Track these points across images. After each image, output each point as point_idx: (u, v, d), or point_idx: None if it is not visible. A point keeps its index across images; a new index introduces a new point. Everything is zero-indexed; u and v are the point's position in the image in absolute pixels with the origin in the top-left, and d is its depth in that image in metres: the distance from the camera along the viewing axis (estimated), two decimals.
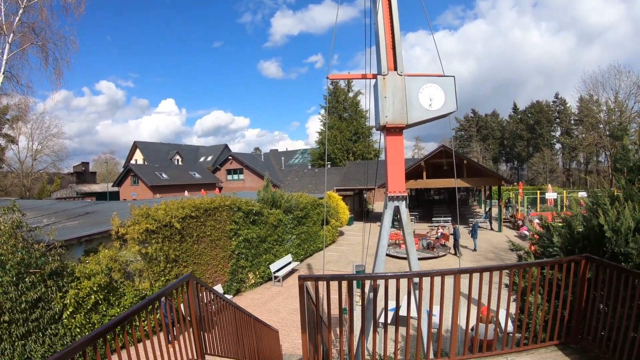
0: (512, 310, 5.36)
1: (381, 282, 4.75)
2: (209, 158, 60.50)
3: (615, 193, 5.06)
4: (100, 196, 48.39)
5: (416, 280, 5.33)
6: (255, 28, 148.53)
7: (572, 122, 66.58)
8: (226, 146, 64.92)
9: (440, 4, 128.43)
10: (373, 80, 5.88)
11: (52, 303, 8.57)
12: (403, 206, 5.78)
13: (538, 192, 34.83)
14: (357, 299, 10.61)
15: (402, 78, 5.55)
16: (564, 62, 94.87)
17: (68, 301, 8.68)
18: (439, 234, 22.64)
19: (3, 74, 12.44)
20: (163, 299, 3.61)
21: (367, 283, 5.81)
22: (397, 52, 5.56)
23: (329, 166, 46.59)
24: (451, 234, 20.81)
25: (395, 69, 5.57)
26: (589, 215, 5.03)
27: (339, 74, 6.25)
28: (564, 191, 34.27)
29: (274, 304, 13.37)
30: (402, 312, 9.03)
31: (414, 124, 5.66)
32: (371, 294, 5.67)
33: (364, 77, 6.04)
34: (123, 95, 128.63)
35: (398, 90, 5.50)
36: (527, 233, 21.91)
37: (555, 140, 70.72)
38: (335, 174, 38.35)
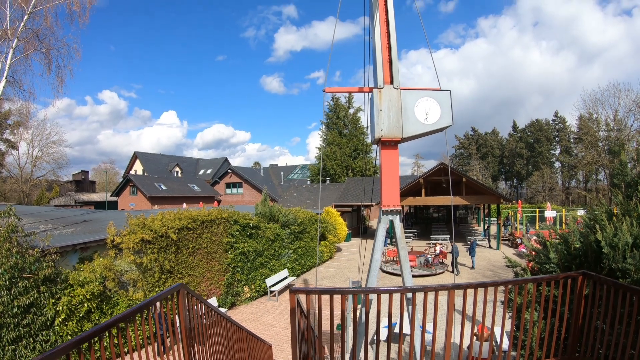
0: (508, 327, 5.27)
1: (374, 297, 4.67)
2: (209, 171, 60.58)
3: (615, 211, 5.03)
4: (99, 205, 48.28)
5: (409, 295, 5.26)
6: (259, 43, 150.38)
7: (572, 140, 66.92)
8: (226, 159, 65.08)
9: (442, 22, 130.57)
10: (370, 94, 5.90)
11: (45, 309, 8.57)
12: (397, 220, 5.72)
13: (537, 210, 34.74)
14: (352, 314, 10.45)
15: (398, 91, 5.56)
16: (564, 81, 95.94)
17: (60, 308, 8.65)
18: (437, 251, 22.49)
19: (6, 78, 12.51)
20: (152, 307, 3.52)
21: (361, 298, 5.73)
22: (394, 65, 5.58)
23: (327, 182, 46.59)
24: (449, 252, 20.67)
25: (392, 82, 5.60)
26: (586, 231, 4.99)
27: (336, 87, 6.26)
28: (563, 209, 34.20)
29: (269, 319, 13.18)
30: (396, 328, 8.89)
31: (409, 138, 5.65)
32: (363, 309, 5.58)
33: (360, 90, 6.06)
34: (125, 105, 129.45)
35: (394, 104, 5.51)
36: (525, 251, 21.78)
37: (554, 158, 70.92)
38: (334, 190, 38.29)
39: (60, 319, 8.63)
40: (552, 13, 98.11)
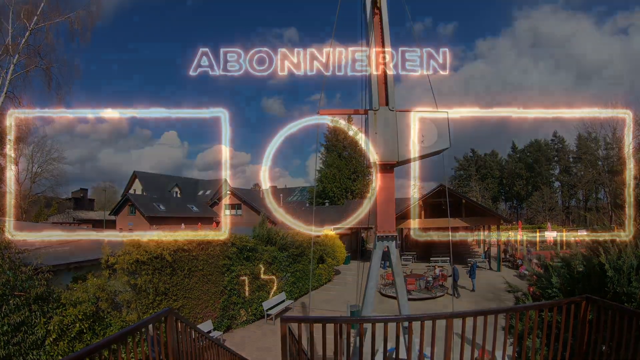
0: (509, 351, 5.09)
1: (368, 326, 4.50)
2: (208, 192, 60.24)
3: (616, 230, 4.91)
4: (97, 224, 47.87)
5: (406, 324, 5.07)
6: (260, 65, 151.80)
7: (571, 159, 67.14)
8: (225, 181, 64.79)
9: (441, 45, 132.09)
10: (366, 117, 5.82)
11: (36, 328, 8.38)
12: (393, 246, 5.56)
13: (537, 230, 34.46)
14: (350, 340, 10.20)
15: (394, 113, 5.46)
16: (561, 100, 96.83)
17: (52, 327, 8.46)
18: (437, 273, 22.16)
19: (5, 94, 12.51)
20: (138, 333, 3.38)
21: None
22: (389, 87, 5.54)
23: (327, 204, 46.42)
24: (449, 276, 20.37)
25: (387, 103, 5.52)
26: (589, 254, 4.86)
27: (331, 110, 6.19)
28: (564, 229, 33.93)
29: (265, 343, 12.86)
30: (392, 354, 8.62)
31: (405, 161, 5.52)
32: (357, 338, 5.40)
33: (356, 112, 6.01)
34: (127, 124, 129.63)
35: (389, 126, 5.41)
36: (526, 272, 21.46)
37: (554, 178, 70.95)
38: (333, 212, 38.04)
39: (51, 339, 8.45)
40: (549, 34, 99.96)
